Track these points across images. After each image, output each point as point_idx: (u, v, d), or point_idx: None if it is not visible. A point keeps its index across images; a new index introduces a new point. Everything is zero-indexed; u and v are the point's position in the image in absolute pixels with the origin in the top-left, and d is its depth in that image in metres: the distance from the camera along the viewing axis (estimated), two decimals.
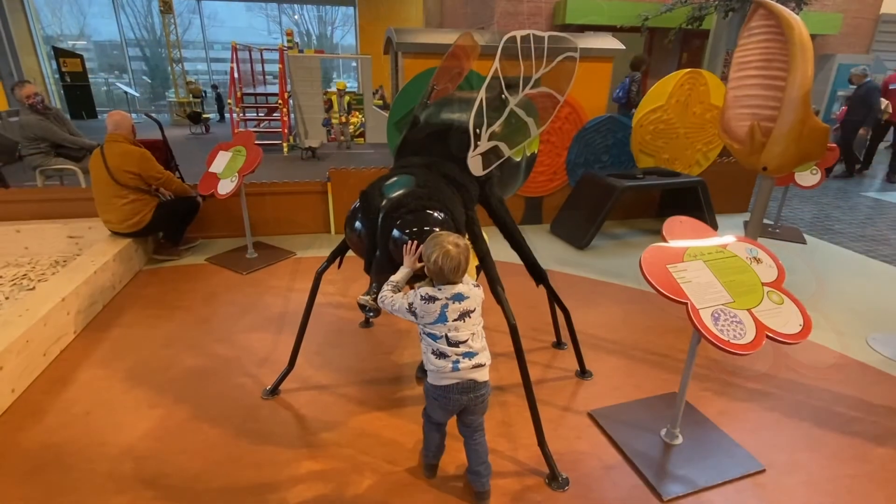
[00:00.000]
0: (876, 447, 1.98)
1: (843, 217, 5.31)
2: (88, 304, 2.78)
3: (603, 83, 4.71)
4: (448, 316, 1.47)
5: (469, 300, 1.50)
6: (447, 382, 1.52)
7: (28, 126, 4.36)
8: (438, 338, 1.50)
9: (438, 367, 1.51)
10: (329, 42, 21.96)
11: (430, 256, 1.46)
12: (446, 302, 1.47)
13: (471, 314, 1.51)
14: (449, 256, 1.44)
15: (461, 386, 1.52)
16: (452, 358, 1.49)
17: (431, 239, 1.49)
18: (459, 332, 1.49)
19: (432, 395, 1.59)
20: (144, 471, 1.79)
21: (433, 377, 1.55)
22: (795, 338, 1.53)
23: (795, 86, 2.68)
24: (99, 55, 19.36)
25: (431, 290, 1.49)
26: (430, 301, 1.47)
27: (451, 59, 2.38)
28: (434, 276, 1.49)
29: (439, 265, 1.44)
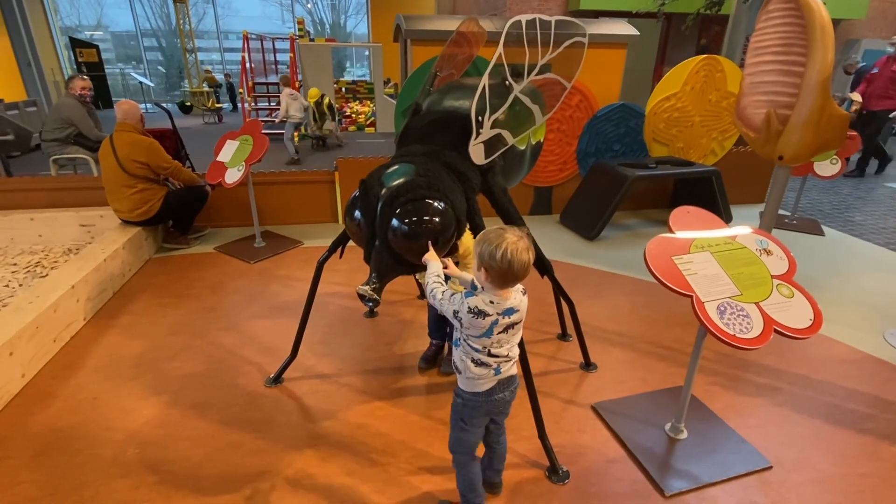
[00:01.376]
0: (890, 445, 1.92)
1: (864, 208, 5.16)
2: (98, 292, 2.82)
3: (616, 70, 4.60)
4: (494, 331, 1.32)
5: (518, 313, 1.35)
6: (490, 385, 1.41)
7: (65, 106, 4.44)
8: (479, 350, 1.37)
9: (479, 375, 1.38)
10: (342, 30, 21.89)
11: (492, 254, 1.24)
12: (497, 318, 1.30)
13: (515, 325, 1.37)
14: (518, 251, 1.24)
15: (503, 383, 1.43)
16: (493, 365, 1.38)
17: (483, 238, 1.29)
18: (502, 345, 1.37)
19: (472, 403, 1.43)
20: (148, 456, 1.81)
21: (471, 384, 1.41)
22: (805, 333, 1.48)
23: (815, 71, 2.58)
24: (116, 45, 19.56)
25: (483, 303, 1.29)
26: (479, 316, 1.29)
27: (454, 45, 2.34)
28: (498, 277, 1.27)
29: (508, 259, 1.23)
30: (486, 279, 1.29)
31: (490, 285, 1.29)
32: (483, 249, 1.27)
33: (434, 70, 2.28)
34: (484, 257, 1.26)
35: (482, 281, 1.31)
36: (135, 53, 18.83)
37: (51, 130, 4.46)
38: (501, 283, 1.28)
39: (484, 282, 1.30)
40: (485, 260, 1.26)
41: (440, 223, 1.58)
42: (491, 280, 1.28)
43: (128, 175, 3.27)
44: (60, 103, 4.52)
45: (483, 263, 1.27)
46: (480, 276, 1.30)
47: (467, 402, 1.44)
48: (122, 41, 19.52)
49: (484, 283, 1.31)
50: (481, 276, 1.30)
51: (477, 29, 2.43)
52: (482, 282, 1.31)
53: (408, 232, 1.56)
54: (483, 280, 1.30)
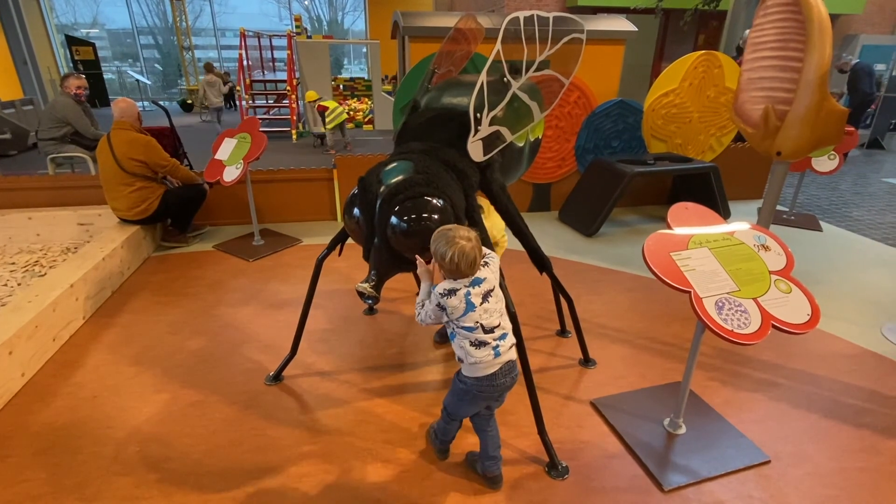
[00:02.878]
0: (887, 439, 1.94)
1: (862, 203, 5.17)
2: (97, 291, 2.82)
3: (614, 67, 4.60)
4: (474, 302, 1.42)
5: (486, 281, 1.45)
6: (493, 370, 1.48)
7: (61, 106, 4.43)
8: (473, 329, 1.44)
9: (481, 358, 1.46)
10: (340, 28, 21.81)
11: (444, 255, 1.39)
12: (467, 289, 1.42)
13: (492, 292, 1.46)
14: (464, 253, 1.38)
15: (505, 369, 1.49)
16: (492, 344, 1.45)
17: (441, 236, 1.42)
18: (491, 315, 1.44)
19: (475, 389, 1.51)
20: (149, 453, 1.82)
21: (474, 370, 1.48)
22: (802, 328, 1.49)
23: (812, 67, 2.58)
24: (112, 43, 19.47)
25: (448, 283, 1.43)
26: (451, 294, 1.42)
27: (452, 42, 2.34)
28: (450, 274, 1.43)
29: (455, 262, 1.38)
30: (443, 274, 1.45)
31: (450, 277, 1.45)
32: (437, 248, 1.41)
33: (432, 67, 2.28)
34: (437, 256, 1.42)
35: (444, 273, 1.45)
36: (131, 51, 18.75)
37: (47, 129, 4.44)
38: (455, 276, 1.44)
39: (443, 274, 1.46)
40: (437, 258, 1.42)
41: (439, 220, 1.58)
42: (445, 275, 1.45)
43: (126, 173, 3.26)
44: (55, 102, 4.50)
45: (437, 260, 1.43)
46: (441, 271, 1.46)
47: (469, 387, 1.52)
48: (118, 39, 19.43)
49: (445, 275, 1.46)
50: (441, 270, 1.45)
51: (475, 25, 2.43)
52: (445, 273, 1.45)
53: (407, 229, 1.57)
54: (442, 273, 1.47)
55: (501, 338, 1.47)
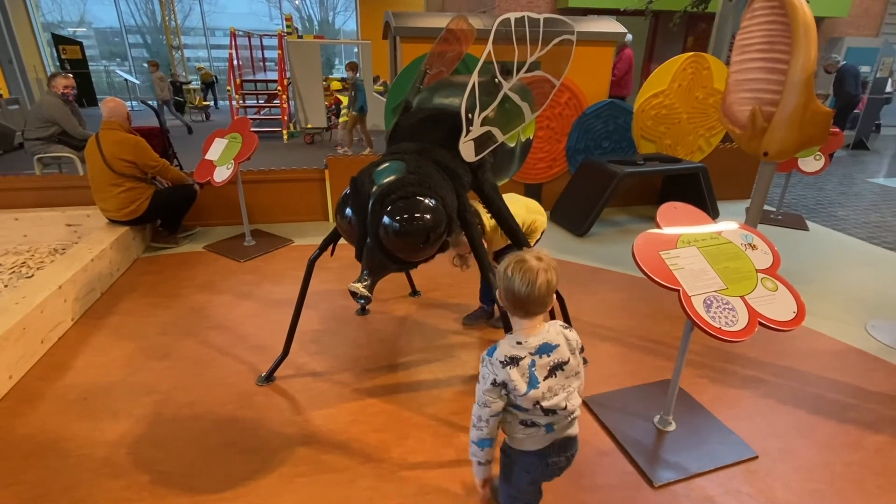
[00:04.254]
0: (871, 434, 1.97)
1: (847, 203, 5.26)
2: (86, 292, 2.80)
3: (605, 68, 4.64)
4: (538, 376, 1.14)
5: (559, 350, 1.16)
6: (541, 446, 1.23)
7: (47, 105, 4.38)
8: (527, 410, 1.17)
9: (528, 434, 1.21)
10: (331, 28, 21.74)
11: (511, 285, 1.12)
12: (532, 359, 1.14)
13: (564, 366, 1.17)
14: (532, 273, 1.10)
15: (558, 444, 1.23)
16: (545, 423, 1.19)
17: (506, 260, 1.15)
18: (555, 395, 1.16)
19: (524, 469, 1.26)
20: (139, 456, 1.80)
21: (519, 443, 1.24)
22: (788, 325, 1.52)
23: (798, 69, 2.62)
24: (100, 42, 19.26)
25: (509, 346, 1.15)
26: (512, 364, 1.13)
27: (444, 43, 2.35)
28: (511, 304, 1.15)
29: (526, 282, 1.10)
30: (507, 308, 1.18)
31: (513, 316, 1.18)
32: (498, 271, 1.17)
33: (424, 67, 2.29)
34: (499, 278, 1.16)
35: (510, 313, 1.19)
36: (119, 50, 18.55)
37: (33, 129, 4.39)
38: (517, 309, 1.16)
39: (510, 315, 1.19)
40: (500, 282, 1.16)
41: (431, 220, 1.60)
42: (509, 307, 1.17)
43: (114, 174, 3.24)
44: (42, 102, 4.45)
45: (499, 287, 1.17)
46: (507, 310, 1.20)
47: (515, 460, 1.28)
48: (106, 38, 19.22)
49: (511, 317, 1.19)
50: (506, 306, 1.18)
51: (466, 26, 2.44)
52: (510, 315, 1.20)
53: (399, 229, 1.57)
54: (508, 312, 1.19)
55: (564, 417, 1.20)
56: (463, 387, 2.20)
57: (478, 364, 2.34)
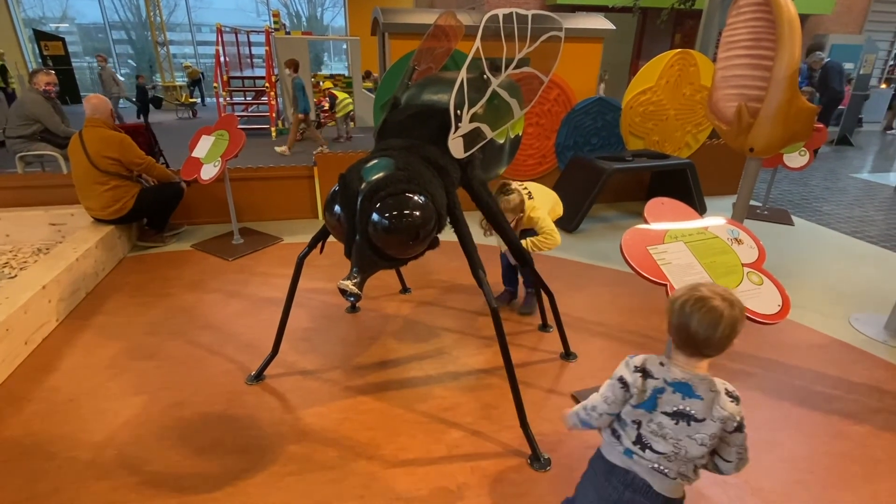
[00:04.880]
0: (854, 425, 2.01)
1: (832, 198, 5.34)
2: (71, 292, 2.75)
3: (593, 64, 4.67)
4: (658, 405, 1.06)
5: (701, 404, 1.04)
6: (612, 460, 1.17)
7: (30, 102, 4.30)
8: (627, 425, 1.12)
9: (609, 441, 1.19)
10: (319, 24, 21.58)
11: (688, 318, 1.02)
12: (662, 386, 1.07)
13: (692, 422, 1.04)
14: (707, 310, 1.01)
15: (627, 478, 1.13)
16: (629, 446, 1.12)
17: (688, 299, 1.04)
18: (663, 437, 1.06)
19: (592, 465, 1.25)
20: (127, 457, 1.78)
21: (603, 445, 1.22)
22: (773, 318, 1.54)
23: (783, 65, 2.65)
24: (83, 38, 18.94)
25: (654, 360, 1.11)
26: (643, 375, 1.09)
27: (432, 39, 2.34)
28: (674, 334, 1.07)
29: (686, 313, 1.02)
30: (674, 340, 1.09)
31: (674, 348, 1.10)
32: (672, 302, 1.08)
33: (412, 64, 2.28)
34: (671, 310, 1.07)
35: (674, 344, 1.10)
36: (103, 46, 18.26)
37: (15, 127, 4.30)
38: (686, 347, 1.06)
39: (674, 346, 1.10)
40: (672, 315, 1.07)
41: (421, 217, 1.59)
42: (677, 342, 1.08)
43: (99, 172, 3.19)
44: (24, 99, 4.36)
45: (672, 320, 1.07)
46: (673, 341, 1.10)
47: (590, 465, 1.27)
48: (89, 34, 18.91)
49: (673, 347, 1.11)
50: (673, 339, 1.10)
51: (455, 23, 2.43)
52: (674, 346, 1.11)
53: (388, 226, 1.57)
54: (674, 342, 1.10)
55: (653, 461, 1.09)
56: (454, 383, 2.20)
57: (469, 361, 2.36)
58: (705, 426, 1.04)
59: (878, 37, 11.44)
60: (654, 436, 1.08)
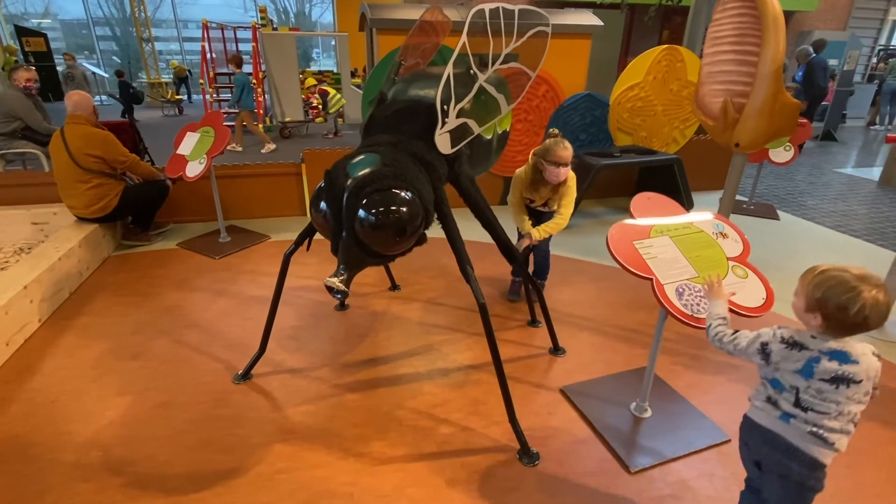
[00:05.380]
0: None
1: (816, 193, 5.41)
2: (53, 292, 2.71)
3: (581, 60, 4.68)
4: (815, 373, 1.10)
5: (857, 366, 1.08)
6: (765, 424, 1.21)
7: (9, 99, 4.21)
8: (785, 389, 1.16)
9: (763, 408, 1.22)
10: (307, 20, 21.40)
11: (845, 306, 1.05)
12: (818, 356, 1.11)
13: (851, 384, 1.09)
14: (877, 304, 1.05)
15: (774, 440, 1.18)
16: (786, 411, 1.16)
17: (838, 281, 1.08)
18: (824, 402, 1.11)
19: (744, 428, 1.29)
20: (112, 458, 1.76)
21: (753, 411, 1.26)
22: (758, 311, 1.55)
23: (767, 61, 2.67)
24: (66, 34, 18.61)
25: (800, 335, 1.14)
26: (794, 348, 1.13)
27: (419, 34, 2.32)
28: (836, 328, 1.10)
29: (864, 316, 1.05)
30: (820, 326, 1.11)
31: (820, 330, 1.12)
32: (828, 294, 1.08)
33: (398, 59, 2.26)
34: (828, 304, 1.08)
35: (811, 324, 1.13)
36: (87, 43, 17.96)
37: None
38: (842, 333, 1.11)
39: (813, 325, 1.13)
40: (828, 308, 1.08)
41: (408, 213, 1.58)
42: (827, 329, 1.11)
43: (81, 170, 3.13)
44: (4, 96, 4.28)
45: (821, 309, 1.09)
46: (810, 320, 1.13)
47: (742, 425, 1.30)
48: (72, 30, 18.59)
49: (812, 327, 1.13)
50: (811, 319, 1.12)
51: (441, 18, 2.42)
52: (811, 325, 1.13)
53: (375, 222, 1.55)
54: (812, 324, 1.13)
55: (813, 421, 1.12)
56: (443, 380, 2.20)
57: (458, 357, 2.36)
58: (862, 386, 1.10)
59: (862, 33, 11.59)
60: (815, 399, 1.12)
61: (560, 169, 2.42)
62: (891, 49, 11.51)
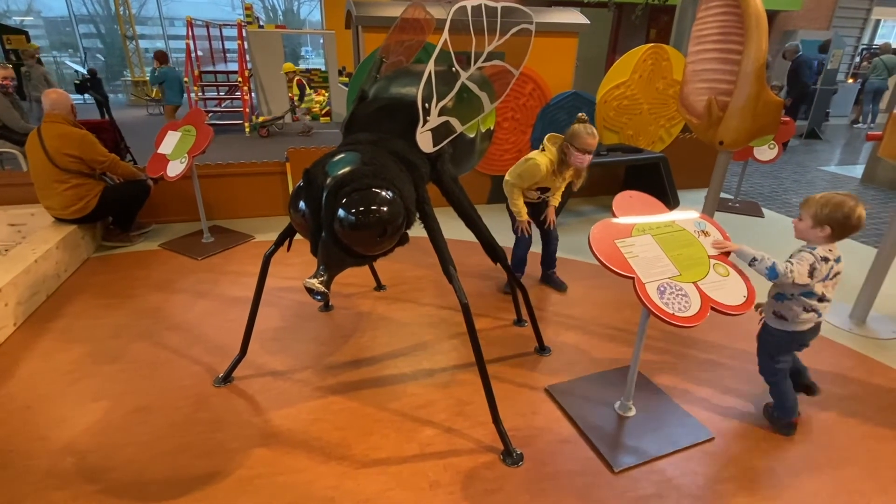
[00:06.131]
0: (819, 412, 2.06)
1: (800, 190, 5.46)
2: (29, 295, 2.65)
3: (568, 59, 4.67)
4: (829, 274, 1.67)
5: (842, 264, 1.70)
6: (807, 327, 1.76)
7: None
8: (814, 296, 1.69)
9: (805, 319, 1.73)
10: (296, 17, 21.20)
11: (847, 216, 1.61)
12: (833, 263, 1.67)
13: (838, 276, 1.71)
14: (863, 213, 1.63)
15: (815, 328, 1.78)
16: (819, 311, 1.73)
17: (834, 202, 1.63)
18: (830, 291, 1.71)
19: (786, 340, 1.80)
20: (87, 465, 1.72)
21: (792, 325, 1.75)
22: (739, 309, 1.56)
23: (750, 59, 2.68)
24: (49, 32, 18.26)
25: (822, 251, 1.66)
26: (825, 262, 1.65)
27: (399, 32, 2.30)
28: (839, 233, 1.65)
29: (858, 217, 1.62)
30: (827, 235, 1.66)
31: (826, 240, 1.67)
32: (833, 213, 1.62)
33: (379, 56, 2.24)
34: (835, 218, 1.62)
35: (817, 237, 1.67)
36: (71, 40, 17.64)
37: None
38: (842, 238, 1.67)
39: (820, 237, 1.67)
40: (836, 221, 1.62)
41: (388, 213, 1.56)
42: (832, 235, 1.66)
43: (59, 170, 3.07)
44: None
45: (830, 223, 1.63)
46: (817, 233, 1.67)
47: (780, 339, 1.81)
48: (56, 27, 18.23)
49: (819, 238, 1.67)
50: (818, 232, 1.66)
51: (423, 15, 2.40)
52: (817, 237, 1.67)
53: (354, 222, 1.53)
54: (819, 235, 1.66)
55: (822, 310, 1.74)
56: (428, 380, 2.18)
57: (443, 357, 2.34)
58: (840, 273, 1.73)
59: (845, 32, 11.75)
60: (829, 293, 1.72)
61: (586, 156, 2.52)
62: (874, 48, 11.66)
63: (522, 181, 2.64)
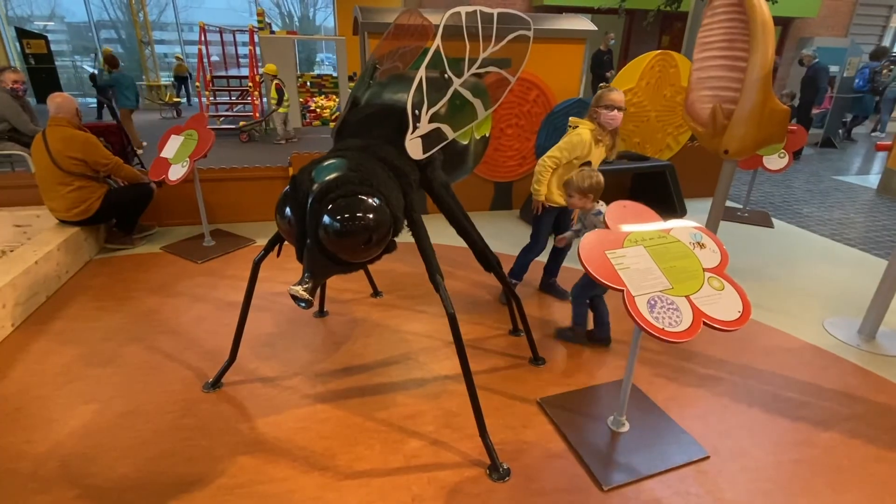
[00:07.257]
0: (822, 432, 1.98)
1: (812, 200, 5.34)
2: (29, 296, 2.67)
3: (575, 65, 4.62)
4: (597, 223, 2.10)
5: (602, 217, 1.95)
6: None
7: None
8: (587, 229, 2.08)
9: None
10: (311, 24, 21.44)
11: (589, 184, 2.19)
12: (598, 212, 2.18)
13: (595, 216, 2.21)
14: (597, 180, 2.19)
15: None
16: None
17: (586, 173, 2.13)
18: None
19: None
20: (70, 470, 1.71)
21: None
22: (733, 325, 1.50)
23: (756, 67, 2.62)
24: (72, 37, 18.68)
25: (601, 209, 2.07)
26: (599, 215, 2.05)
27: (392, 38, 2.28)
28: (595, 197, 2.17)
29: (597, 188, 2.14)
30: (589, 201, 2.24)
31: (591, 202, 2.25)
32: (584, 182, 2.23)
33: (372, 62, 2.22)
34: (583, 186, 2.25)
35: (586, 207, 2.22)
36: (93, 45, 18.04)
37: None
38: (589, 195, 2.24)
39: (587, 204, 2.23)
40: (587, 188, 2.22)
41: (374, 220, 1.53)
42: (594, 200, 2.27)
43: (63, 172, 3.10)
44: None
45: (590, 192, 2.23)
46: (586, 203, 2.20)
47: None
48: (79, 32, 18.64)
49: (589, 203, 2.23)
50: (587, 202, 2.20)
51: (421, 21, 2.38)
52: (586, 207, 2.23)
53: (340, 229, 1.51)
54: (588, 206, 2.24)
55: None
56: (418, 390, 2.15)
57: (435, 367, 2.30)
58: None
59: (862, 40, 11.53)
60: None
61: (615, 112, 2.58)
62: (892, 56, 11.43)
63: (564, 154, 2.61)
